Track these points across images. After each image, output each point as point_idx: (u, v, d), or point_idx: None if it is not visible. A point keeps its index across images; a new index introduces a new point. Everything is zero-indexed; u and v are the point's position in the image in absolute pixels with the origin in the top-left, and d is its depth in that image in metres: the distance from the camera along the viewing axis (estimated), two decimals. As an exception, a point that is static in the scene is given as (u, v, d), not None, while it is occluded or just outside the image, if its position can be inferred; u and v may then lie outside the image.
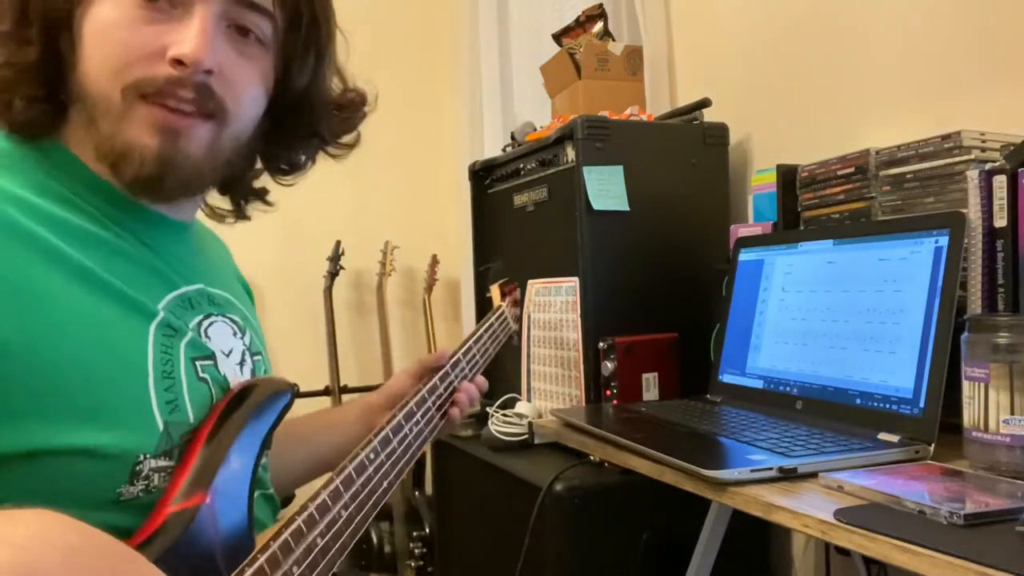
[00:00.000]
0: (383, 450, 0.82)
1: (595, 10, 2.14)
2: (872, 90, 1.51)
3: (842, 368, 1.13)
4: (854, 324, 1.13)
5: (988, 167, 1.00)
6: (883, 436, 1.00)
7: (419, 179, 3.12)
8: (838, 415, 1.10)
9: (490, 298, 1.44)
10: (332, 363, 2.86)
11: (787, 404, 1.21)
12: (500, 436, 1.67)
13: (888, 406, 1.04)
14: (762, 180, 1.48)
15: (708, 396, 1.38)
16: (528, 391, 1.80)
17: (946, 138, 1.15)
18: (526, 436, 1.65)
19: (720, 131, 1.74)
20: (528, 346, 1.79)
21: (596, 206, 1.57)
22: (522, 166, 1.83)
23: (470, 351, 1.13)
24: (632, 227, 1.61)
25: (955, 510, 0.72)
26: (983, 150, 1.13)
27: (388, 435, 0.85)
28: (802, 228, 1.39)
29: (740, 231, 1.47)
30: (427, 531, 2.64)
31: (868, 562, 1.39)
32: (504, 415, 1.71)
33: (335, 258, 2.87)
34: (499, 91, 2.79)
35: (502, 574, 1.53)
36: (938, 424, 0.97)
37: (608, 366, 1.52)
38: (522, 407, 1.73)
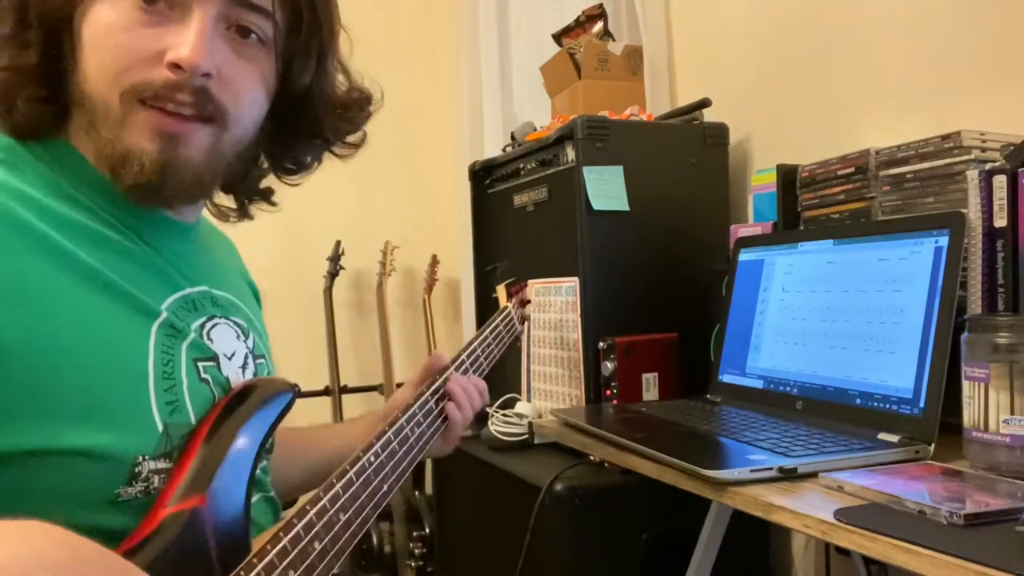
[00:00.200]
0: (384, 452, 0.82)
1: (595, 10, 2.14)
2: (872, 90, 1.51)
3: (842, 368, 1.13)
4: (854, 324, 1.13)
5: (988, 167, 1.00)
6: (883, 436, 1.00)
7: (419, 179, 3.12)
8: (838, 415, 1.10)
9: (496, 299, 1.44)
10: (332, 363, 2.86)
11: (787, 404, 1.21)
12: (500, 436, 1.67)
13: (888, 406, 1.04)
14: (762, 180, 1.48)
15: (708, 396, 1.38)
16: (528, 391, 1.80)
17: (946, 138, 1.15)
18: (526, 436, 1.66)
19: (720, 131, 1.74)
20: (528, 346, 1.79)
21: (596, 206, 1.57)
22: (522, 166, 1.83)
23: (474, 352, 1.12)
24: (632, 227, 1.61)
25: (955, 510, 0.72)
26: (983, 150, 1.13)
27: (390, 437, 0.84)
28: (802, 228, 1.39)
29: (740, 231, 1.47)
30: (427, 531, 2.64)
31: (868, 562, 1.39)
32: (504, 415, 1.71)
33: (335, 258, 2.88)
34: (499, 91, 2.79)
35: (502, 574, 1.53)
36: (938, 424, 0.97)
37: (608, 366, 1.52)
38: (522, 407, 1.73)
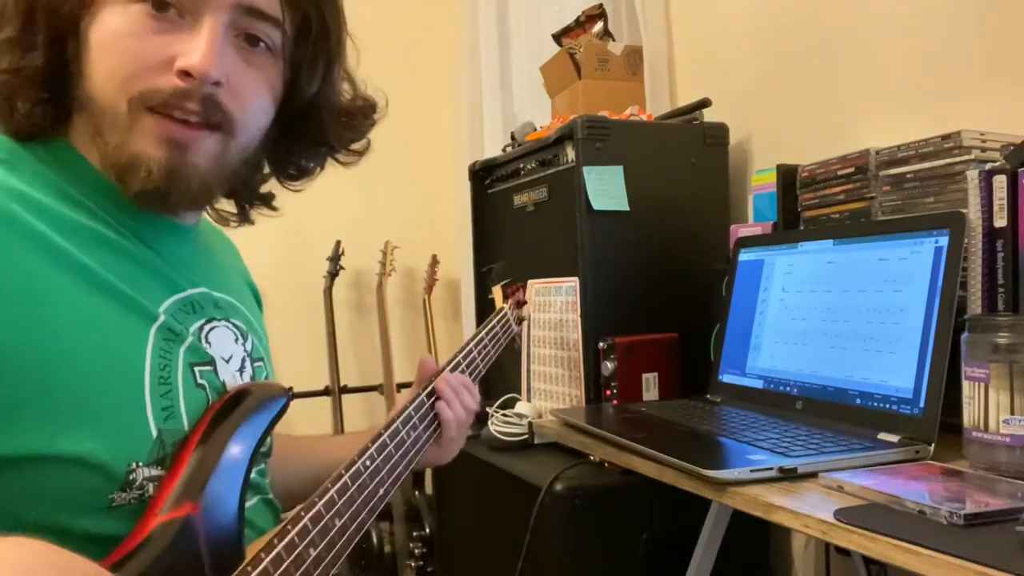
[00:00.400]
0: (379, 455, 0.81)
1: (595, 10, 2.14)
2: (872, 90, 1.51)
3: (842, 368, 1.13)
4: (854, 324, 1.13)
5: (988, 167, 1.00)
6: (883, 436, 1.00)
7: (419, 179, 3.12)
8: (838, 415, 1.10)
9: (492, 300, 1.44)
10: (332, 363, 2.86)
11: (787, 404, 1.21)
12: (500, 436, 1.67)
13: (888, 406, 1.04)
14: (762, 180, 1.48)
15: (708, 396, 1.38)
16: (528, 391, 1.80)
17: (946, 138, 1.15)
18: (526, 436, 1.65)
19: (720, 131, 1.74)
20: (528, 346, 1.79)
21: (596, 206, 1.57)
22: (522, 166, 1.83)
23: (470, 354, 1.12)
24: (632, 227, 1.61)
25: (955, 510, 0.72)
26: (983, 150, 1.13)
27: (385, 440, 0.84)
28: (802, 228, 1.39)
29: (740, 231, 1.47)
30: (427, 531, 2.64)
31: (868, 562, 1.39)
32: (504, 415, 1.71)
33: (335, 258, 2.87)
34: (499, 91, 2.79)
35: (502, 574, 1.53)
36: (938, 424, 0.97)
37: (608, 366, 1.52)
38: (522, 407, 1.73)
